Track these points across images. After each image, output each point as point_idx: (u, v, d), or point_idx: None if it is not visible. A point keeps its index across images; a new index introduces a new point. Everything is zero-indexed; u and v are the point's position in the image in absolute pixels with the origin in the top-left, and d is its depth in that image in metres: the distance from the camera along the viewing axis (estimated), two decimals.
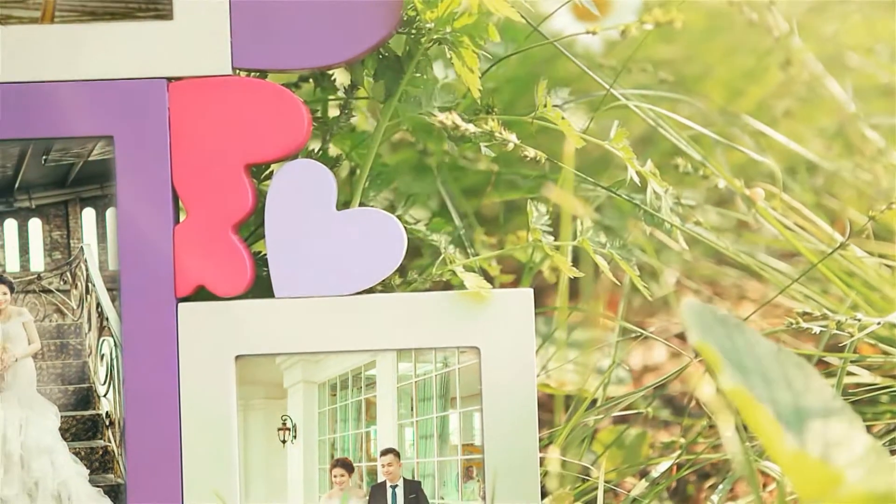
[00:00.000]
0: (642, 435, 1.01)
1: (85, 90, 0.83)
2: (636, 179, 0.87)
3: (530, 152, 0.84)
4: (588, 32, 0.83)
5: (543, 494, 0.87)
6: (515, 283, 1.00)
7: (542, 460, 0.85)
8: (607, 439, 1.01)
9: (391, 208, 0.98)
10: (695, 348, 0.68)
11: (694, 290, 1.20)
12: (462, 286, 0.85)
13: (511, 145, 0.84)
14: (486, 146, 0.87)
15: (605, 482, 0.90)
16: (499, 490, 0.84)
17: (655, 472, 0.93)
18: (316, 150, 0.91)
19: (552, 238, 0.87)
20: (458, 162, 1.06)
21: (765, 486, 0.99)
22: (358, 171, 0.92)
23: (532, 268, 0.98)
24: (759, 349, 0.71)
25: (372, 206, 0.89)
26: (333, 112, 0.95)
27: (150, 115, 0.83)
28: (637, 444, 1.01)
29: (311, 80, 0.94)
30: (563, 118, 0.84)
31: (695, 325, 0.70)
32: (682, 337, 1.24)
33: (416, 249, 1.02)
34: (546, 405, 1.06)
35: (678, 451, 0.95)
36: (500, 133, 0.84)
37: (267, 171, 0.91)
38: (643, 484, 0.91)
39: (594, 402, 0.94)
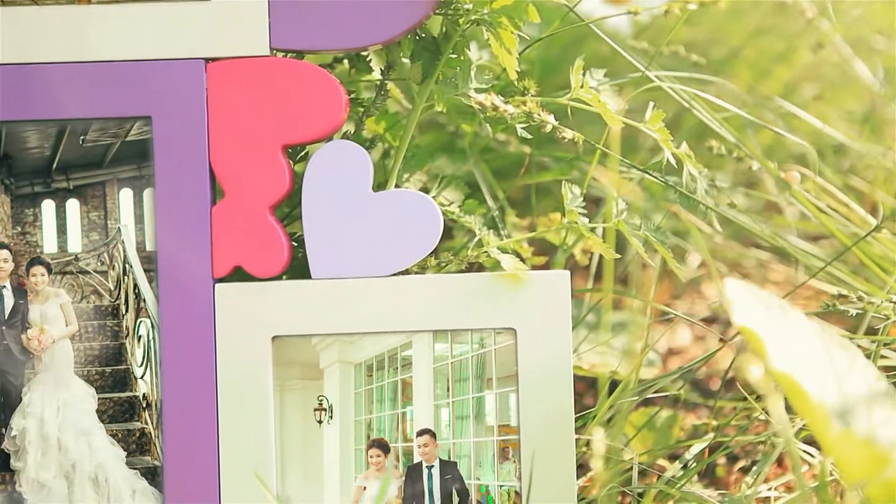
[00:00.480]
0: (673, 417, 1.01)
1: (123, 71, 0.83)
2: (672, 161, 0.87)
3: (568, 133, 0.84)
4: (629, 13, 0.82)
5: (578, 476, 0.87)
6: (547, 266, 1.00)
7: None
8: (638, 422, 1.01)
9: (424, 190, 0.98)
10: (738, 330, 0.68)
11: (721, 272, 1.20)
12: (494, 268, 0.85)
13: (549, 127, 0.84)
14: (523, 127, 0.87)
15: (638, 464, 0.90)
16: (535, 471, 0.84)
17: (688, 455, 0.93)
18: (351, 132, 0.91)
19: (586, 220, 0.87)
20: (489, 144, 1.06)
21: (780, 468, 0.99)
22: (392, 153, 0.92)
23: (565, 250, 0.98)
24: (802, 330, 0.71)
25: (406, 188, 0.89)
26: (363, 94, 0.95)
27: (188, 96, 0.83)
28: (667, 426, 1.01)
29: (344, 62, 0.94)
30: (600, 100, 0.84)
31: (738, 307, 0.69)
32: (707, 320, 1.25)
33: (448, 231, 1.02)
34: (575, 387, 1.06)
35: (711, 434, 0.95)
36: (539, 114, 0.84)
37: (301, 153, 0.91)
38: (677, 466, 0.92)
39: (615, 384, 0.94)
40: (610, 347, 1.04)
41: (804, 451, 0.85)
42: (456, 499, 0.86)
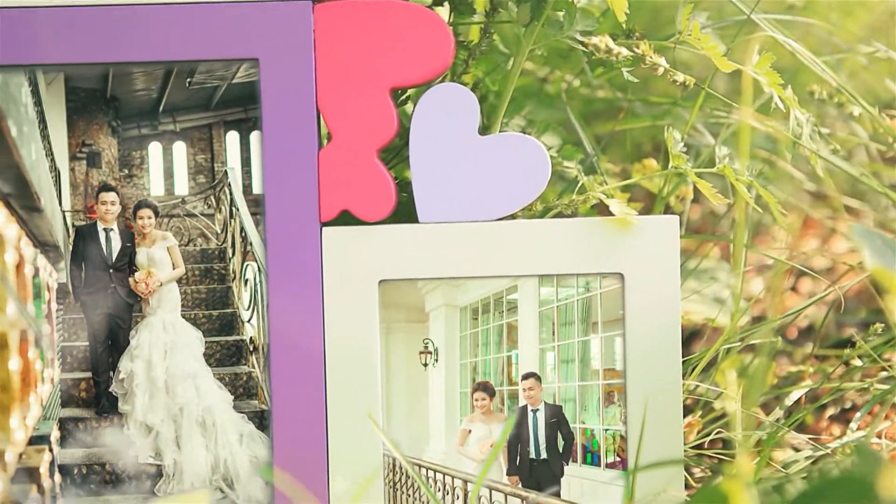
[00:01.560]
0: (767, 364, 1.01)
1: (230, 12, 0.83)
2: (780, 106, 0.86)
3: (679, 77, 0.83)
4: None
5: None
6: (644, 212, 1.00)
7: None
8: (731, 369, 1.01)
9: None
10: (871, 272, 0.68)
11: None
12: (590, 214, 0.85)
13: (661, 70, 0.83)
14: (628, 71, 0.86)
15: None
16: (640, 415, 0.84)
17: (787, 402, 0.93)
18: (454, 76, 0.90)
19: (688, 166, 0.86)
20: (577, 90, 1.05)
21: (886, 417, 0.99)
22: (489, 97, 0.91)
23: (664, 196, 0.97)
24: None
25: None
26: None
27: (296, 38, 0.83)
28: (762, 373, 1.01)
29: (444, 4, 0.93)
30: (710, 42, 0.83)
31: (867, 249, 0.69)
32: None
33: None
34: None
35: (808, 381, 0.95)
36: (651, 57, 0.83)
37: (402, 96, 0.90)
38: (777, 412, 0.91)
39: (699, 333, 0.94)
40: (701, 295, 1.04)
41: None
42: (561, 442, 0.86)
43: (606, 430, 0.86)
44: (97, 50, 0.82)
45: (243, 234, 0.85)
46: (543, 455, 0.86)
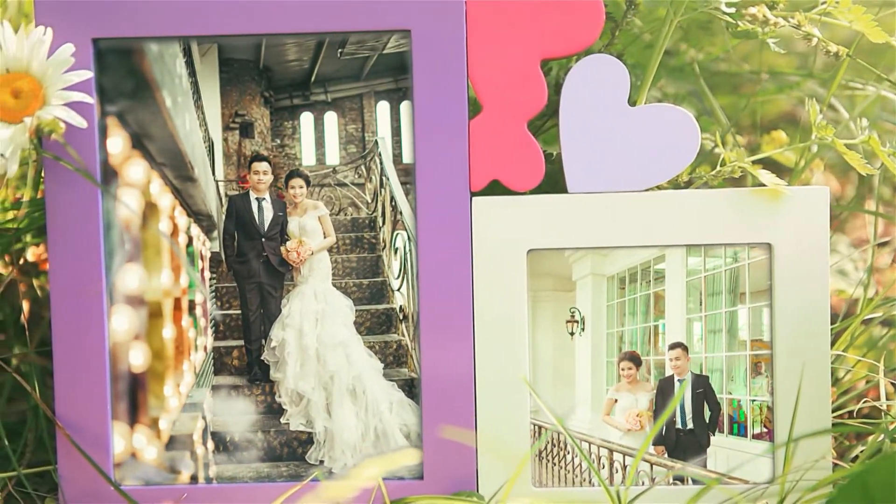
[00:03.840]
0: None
1: None
2: None
3: (832, 47, 0.83)
4: None
5: None
6: None
7: None
8: (859, 342, 1.01)
9: None
10: None
11: None
12: (720, 186, 0.85)
13: (815, 40, 0.83)
14: (775, 42, 0.86)
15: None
16: (788, 386, 0.84)
17: None
18: (601, 48, 0.90)
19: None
20: (703, 61, 1.05)
21: None
22: (637, 69, 0.91)
23: (800, 169, 0.97)
24: None
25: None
26: None
27: (448, 9, 0.83)
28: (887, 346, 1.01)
29: None
30: (864, 12, 0.83)
31: None
32: None
33: None
34: None
35: None
36: (805, 27, 0.83)
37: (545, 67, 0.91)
38: None
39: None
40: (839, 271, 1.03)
41: None
42: (707, 412, 0.86)
43: (753, 400, 0.86)
44: (251, 21, 0.83)
45: (393, 203, 0.86)
46: (690, 425, 0.86)
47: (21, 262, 0.99)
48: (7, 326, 1.04)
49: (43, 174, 0.84)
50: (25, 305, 1.05)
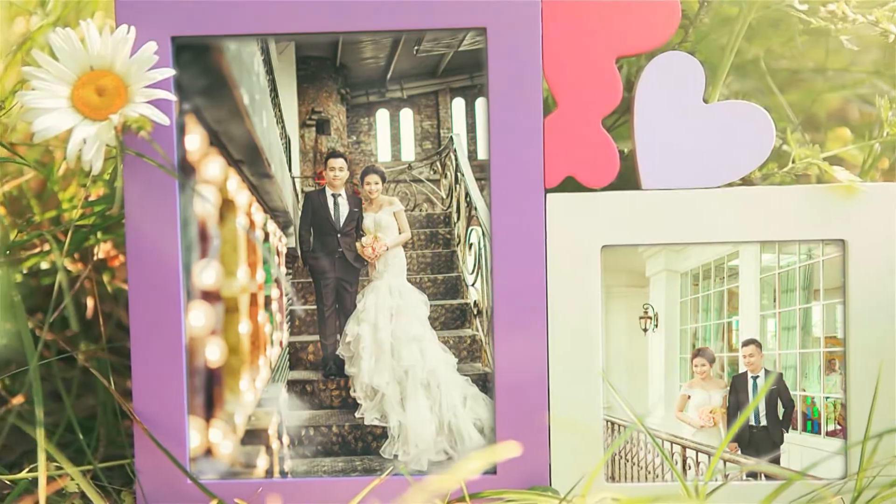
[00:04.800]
0: None
1: None
2: None
3: None
4: None
5: None
6: None
7: None
8: None
9: None
10: None
11: None
12: (791, 183, 0.85)
13: (892, 37, 0.83)
14: (847, 39, 0.86)
15: None
16: (861, 383, 0.85)
17: None
18: (674, 45, 0.91)
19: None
20: (769, 59, 1.05)
21: None
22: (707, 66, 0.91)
23: (868, 167, 0.97)
24: None
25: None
26: None
27: (524, 7, 0.84)
28: None
29: None
30: None
31: None
32: None
33: None
34: None
35: None
36: (882, 24, 0.83)
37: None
38: None
39: None
40: None
41: None
42: (781, 409, 0.86)
43: (827, 397, 0.86)
44: (328, 19, 0.84)
45: (468, 199, 0.86)
46: (763, 422, 0.87)
47: (94, 259, 1.00)
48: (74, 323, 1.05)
49: (120, 171, 0.85)
50: (91, 302, 1.06)
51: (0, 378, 1.00)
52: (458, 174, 0.86)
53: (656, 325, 0.87)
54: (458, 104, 0.86)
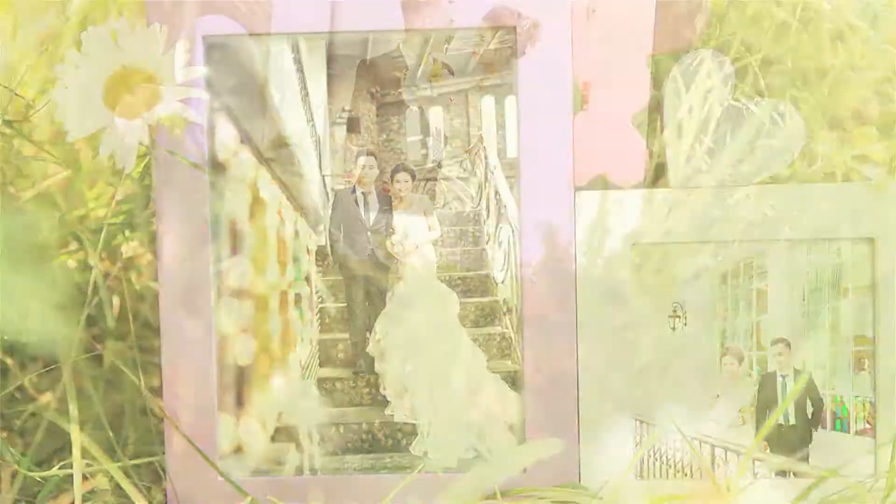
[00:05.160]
0: None
1: None
2: None
3: None
4: None
5: None
6: None
7: None
8: None
9: None
10: None
11: None
12: (813, 181, 0.85)
13: None
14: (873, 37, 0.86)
15: None
16: (890, 382, 0.85)
17: None
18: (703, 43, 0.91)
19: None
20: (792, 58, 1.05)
21: None
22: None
23: (894, 168, 0.97)
24: None
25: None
26: None
27: (553, 4, 0.84)
28: None
29: None
30: None
31: None
32: None
33: None
34: None
35: None
36: None
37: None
38: None
39: None
40: None
41: None
42: (810, 408, 0.86)
43: (856, 397, 0.86)
44: (359, 18, 0.84)
45: (498, 197, 0.86)
46: (792, 421, 0.86)
47: (123, 257, 1.01)
48: (98, 320, 1.05)
49: (152, 169, 0.85)
50: (117, 301, 1.06)
51: (28, 376, 1.01)
52: (488, 172, 0.86)
53: (685, 324, 0.87)
54: (488, 102, 0.86)
